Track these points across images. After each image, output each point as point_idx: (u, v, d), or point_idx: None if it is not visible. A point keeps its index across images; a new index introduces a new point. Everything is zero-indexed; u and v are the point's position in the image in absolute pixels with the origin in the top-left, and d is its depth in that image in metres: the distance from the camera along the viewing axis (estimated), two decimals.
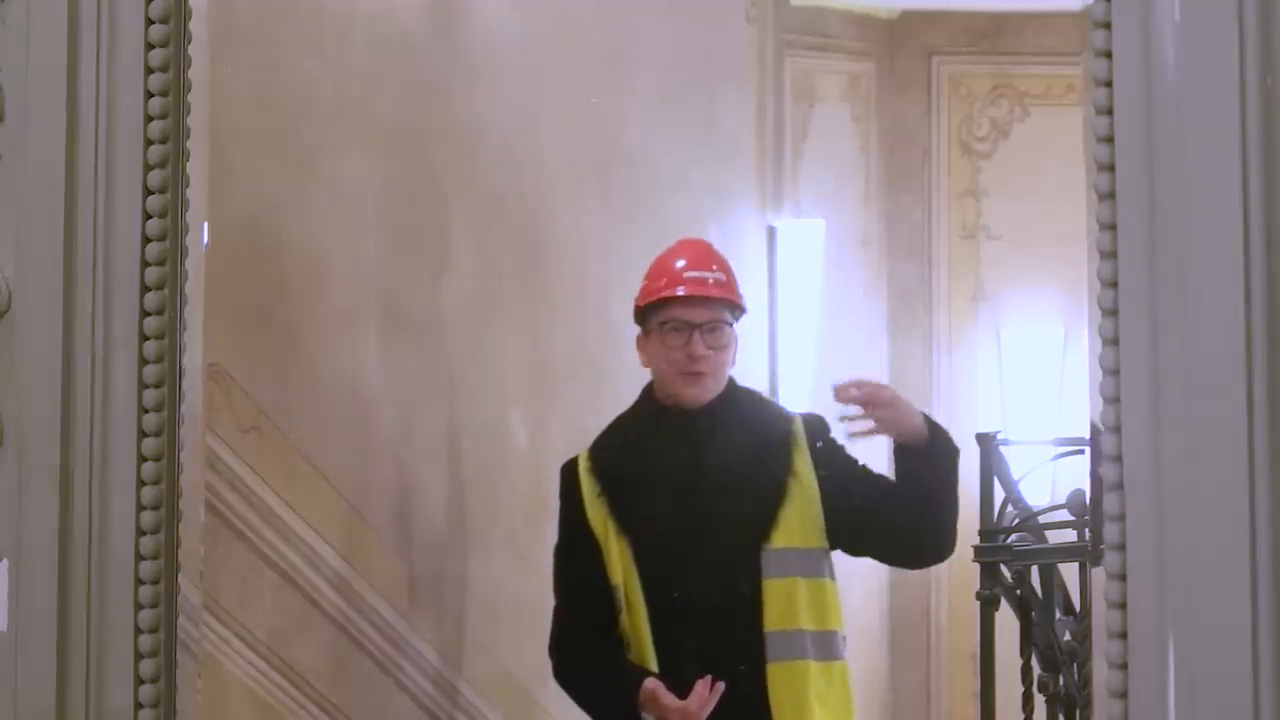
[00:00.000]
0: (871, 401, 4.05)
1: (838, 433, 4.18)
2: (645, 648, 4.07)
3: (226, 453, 4.53)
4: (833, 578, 4.14)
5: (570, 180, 5.67)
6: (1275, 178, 2.50)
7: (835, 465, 4.14)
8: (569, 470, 4.21)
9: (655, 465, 4.15)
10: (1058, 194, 5.89)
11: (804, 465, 4.11)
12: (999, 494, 5.35)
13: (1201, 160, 2.50)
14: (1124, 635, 2.54)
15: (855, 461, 4.19)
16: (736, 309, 4.23)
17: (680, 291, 4.15)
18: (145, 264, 2.78)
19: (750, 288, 6.48)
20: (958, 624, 7.01)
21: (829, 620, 4.11)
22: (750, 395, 4.27)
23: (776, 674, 4.03)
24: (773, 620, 4.03)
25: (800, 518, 4.08)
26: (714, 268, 4.22)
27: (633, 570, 4.09)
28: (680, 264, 4.22)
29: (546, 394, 5.64)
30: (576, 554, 4.16)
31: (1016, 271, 7.21)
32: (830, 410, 4.15)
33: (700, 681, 3.96)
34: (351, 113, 4.97)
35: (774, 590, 4.03)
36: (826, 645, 4.10)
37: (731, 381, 4.18)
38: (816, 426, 4.16)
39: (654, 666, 4.05)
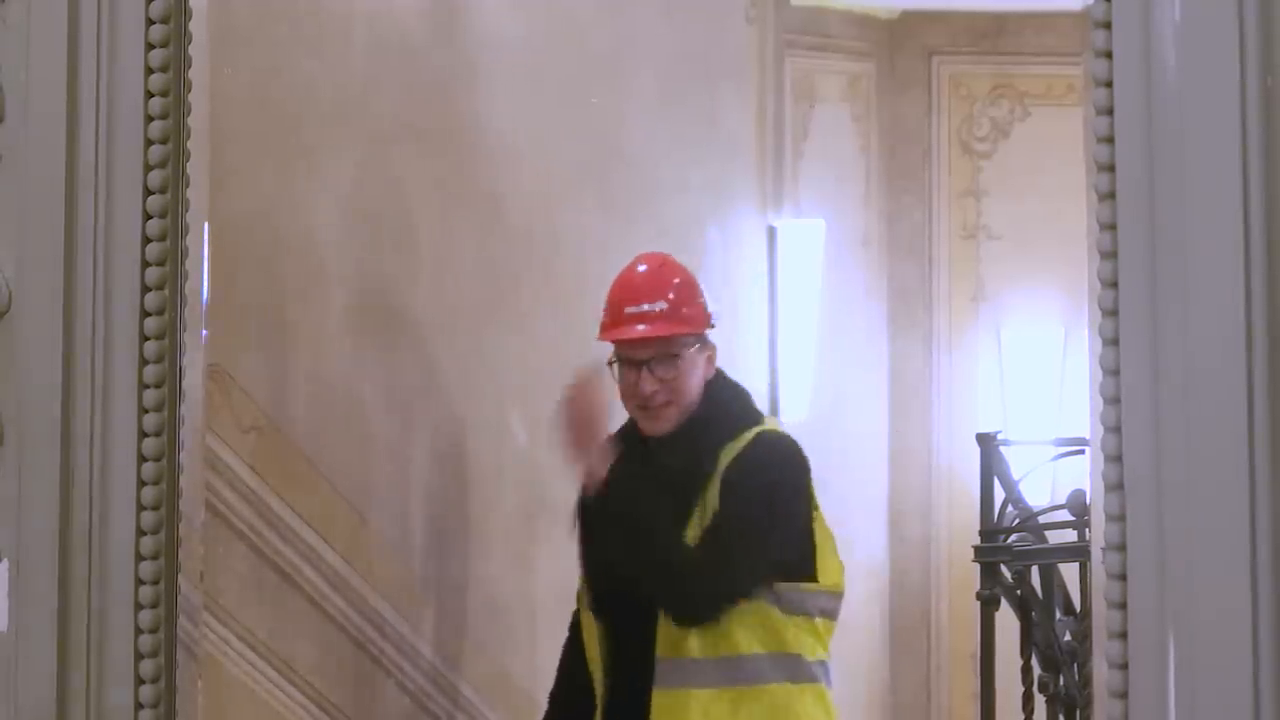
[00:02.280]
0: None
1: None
2: (591, 633, 4.08)
3: (226, 453, 4.53)
4: (771, 601, 3.94)
5: (570, 180, 5.66)
6: (1275, 178, 2.50)
7: (735, 502, 3.94)
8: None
9: (622, 469, 4.04)
10: (1058, 194, 5.89)
11: (713, 493, 3.96)
12: (999, 494, 5.36)
13: (1201, 160, 2.50)
14: (1124, 635, 2.54)
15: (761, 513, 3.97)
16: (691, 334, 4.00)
17: (618, 335, 4.00)
18: (145, 264, 2.78)
19: (750, 288, 6.53)
20: (958, 624, 7.01)
21: (737, 644, 3.93)
22: (716, 410, 4.03)
23: (659, 700, 3.96)
24: (663, 646, 3.96)
25: None
26: (658, 296, 3.99)
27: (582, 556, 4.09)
28: (630, 292, 4.02)
29: (546, 394, 5.63)
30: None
31: (1016, 271, 7.21)
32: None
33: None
34: (351, 113, 4.97)
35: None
36: (733, 670, 3.95)
37: (709, 389, 4.02)
38: (749, 458, 3.96)
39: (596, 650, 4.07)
